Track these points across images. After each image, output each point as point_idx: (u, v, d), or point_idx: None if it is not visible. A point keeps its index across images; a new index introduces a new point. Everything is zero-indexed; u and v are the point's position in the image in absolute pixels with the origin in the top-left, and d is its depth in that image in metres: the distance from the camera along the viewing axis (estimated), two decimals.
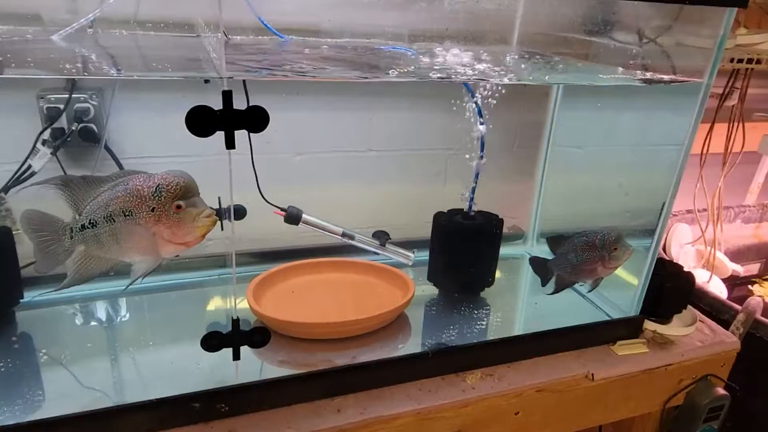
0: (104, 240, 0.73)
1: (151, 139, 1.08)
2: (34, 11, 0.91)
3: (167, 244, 0.73)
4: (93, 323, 1.00)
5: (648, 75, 1.02)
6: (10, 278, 0.93)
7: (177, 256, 1.11)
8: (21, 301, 0.96)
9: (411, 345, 0.98)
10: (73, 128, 0.99)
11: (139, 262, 0.77)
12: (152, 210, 0.70)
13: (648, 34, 1.05)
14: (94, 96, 1.00)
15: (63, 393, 0.81)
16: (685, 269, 1.12)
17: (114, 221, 0.71)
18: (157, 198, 0.70)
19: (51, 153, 0.99)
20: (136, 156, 1.07)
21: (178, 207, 0.71)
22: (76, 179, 0.73)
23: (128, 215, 0.71)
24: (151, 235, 0.72)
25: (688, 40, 0.98)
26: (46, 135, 0.98)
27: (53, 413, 0.73)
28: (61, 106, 0.98)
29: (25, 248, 0.85)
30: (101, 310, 1.03)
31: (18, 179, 0.98)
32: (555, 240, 1.05)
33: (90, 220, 0.72)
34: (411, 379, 0.91)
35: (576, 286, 1.12)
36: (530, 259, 1.12)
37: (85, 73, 0.83)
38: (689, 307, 1.15)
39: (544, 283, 1.07)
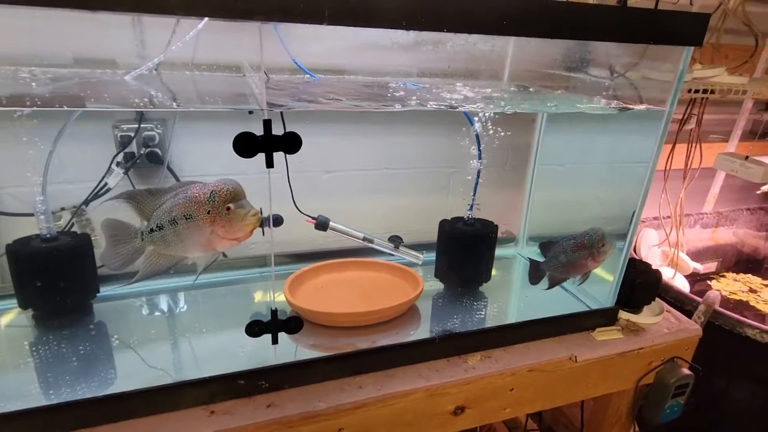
0: (170, 240, 0.73)
1: (205, 161, 1.08)
2: (110, 57, 0.93)
3: (222, 240, 0.73)
4: (156, 313, 1.00)
5: (615, 104, 1.00)
6: (89, 275, 0.94)
7: (225, 256, 1.12)
8: (98, 294, 0.97)
9: (421, 331, 0.97)
10: (142, 152, 1.01)
11: (201, 258, 0.77)
12: (208, 212, 0.70)
13: (618, 70, 1.03)
14: (158, 125, 1.01)
15: (131, 371, 0.82)
16: (653, 267, 1.10)
17: (177, 224, 0.71)
18: (211, 202, 0.70)
19: (123, 173, 1.00)
20: (193, 174, 1.08)
21: (228, 209, 0.71)
22: (141, 192, 0.74)
23: (189, 218, 0.71)
24: (208, 233, 0.72)
25: (652, 75, 0.97)
26: (120, 158, 1.00)
27: (123, 388, 0.73)
28: (132, 134, 0.99)
29: (102, 250, 0.86)
30: (163, 302, 1.04)
31: (96, 194, 0.99)
32: (546, 246, 1.03)
33: (157, 224, 0.72)
34: (421, 360, 0.89)
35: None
36: (530, 261, 1.09)
37: (151, 106, 0.84)
38: (657, 299, 1.12)
39: (535, 282, 1.05)
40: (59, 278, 0.88)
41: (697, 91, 1.28)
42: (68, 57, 0.90)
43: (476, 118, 1.03)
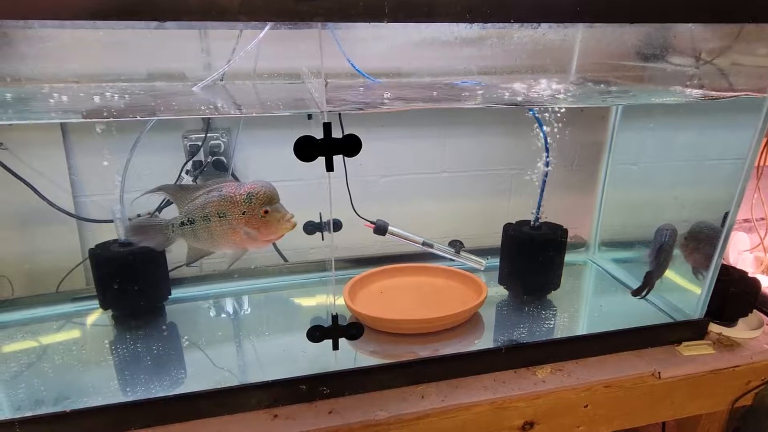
0: (200, 235, 0.74)
1: (266, 167, 1.10)
2: (180, 70, 0.97)
3: (253, 241, 0.73)
4: (222, 315, 1.03)
5: (704, 93, 0.90)
6: (162, 279, 0.98)
7: (285, 260, 1.12)
8: (169, 296, 1.01)
9: (485, 340, 0.93)
10: (209, 160, 1.04)
11: (229, 255, 0.78)
12: (243, 213, 0.71)
13: (704, 56, 0.93)
14: (223, 134, 1.04)
15: (200, 372, 0.84)
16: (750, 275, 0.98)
17: (209, 220, 0.72)
18: (248, 203, 0.71)
19: (192, 180, 1.04)
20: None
21: (266, 212, 0.71)
22: (172, 186, 0.76)
23: (222, 216, 0.72)
24: (240, 232, 0.72)
25: (745, 60, 0.86)
26: (188, 166, 1.04)
27: (193, 388, 0.75)
28: (200, 143, 1.02)
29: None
30: (229, 305, 1.06)
31: (168, 202, 1.04)
32: (658, 252, 0.97)
33: (188, 218, 0.74)
34: (486, 371, 0.85)
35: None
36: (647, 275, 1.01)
37: (217, 113, 0.86)
38: (755, 311, 1.00)
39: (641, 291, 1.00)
40: (136, 281, 0.92)
41: None
42: (143, 72, 0.95)
43: (543, 116, 0.96)
